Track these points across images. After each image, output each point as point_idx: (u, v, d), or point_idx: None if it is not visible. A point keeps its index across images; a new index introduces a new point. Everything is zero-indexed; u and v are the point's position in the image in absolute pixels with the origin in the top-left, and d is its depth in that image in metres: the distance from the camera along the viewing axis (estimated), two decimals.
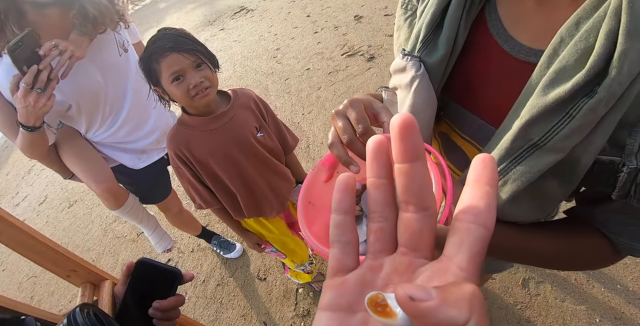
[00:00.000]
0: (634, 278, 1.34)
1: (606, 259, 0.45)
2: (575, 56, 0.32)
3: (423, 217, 0.19)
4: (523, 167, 0.37)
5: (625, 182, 0.33)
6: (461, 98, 0.49)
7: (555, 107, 0.34)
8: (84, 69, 1.06)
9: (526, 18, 0.40)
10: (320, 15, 4.40)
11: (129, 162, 1.34)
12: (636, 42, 0.28)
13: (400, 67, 0.49)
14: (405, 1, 0.51)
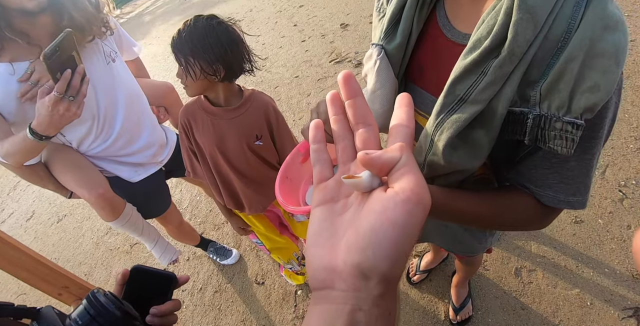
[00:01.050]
0: (620, 261, 1.43)
1: (535, 213, 0.54)
2: (487, 29, 0.43)
3: (369, 130, 0.29)
4: (454, 117, 0.47)
5: (532, 127, 0.43)
6: (417, 79, 0.61)
7: (472, 68, 0.45)
8: None
9: (463, 11, 0.52)
10: (307, 24, 4.56)
11: (125, 174, 1.31)
12: (525, 13, 0.39)
13: (368, 55, 0.61)
14: (378, 5, 0.63)
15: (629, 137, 1.89)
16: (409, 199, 0.22)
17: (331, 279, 0.24)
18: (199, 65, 0.92)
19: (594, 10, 0.39)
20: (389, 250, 0.22)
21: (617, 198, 1.63)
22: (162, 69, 5.62)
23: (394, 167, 0.24)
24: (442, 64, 0.53)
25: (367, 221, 0.23)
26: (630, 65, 2.33)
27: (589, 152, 0.47)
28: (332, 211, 0.28)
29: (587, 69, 0.39)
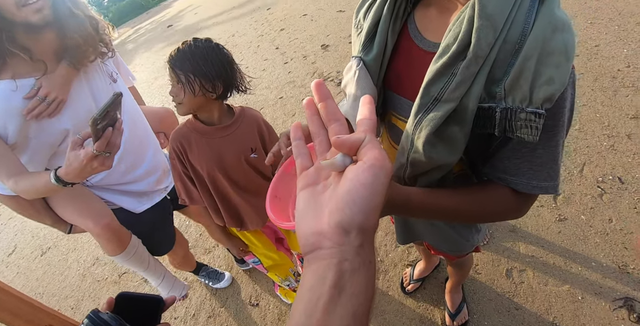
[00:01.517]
0: (605, 254, 1.48)
1: (512, 202, 0.58)
2: (453, 36, 0.50)
3: (339, 124, 0.36)
4: (431, 115, 0.53)
5: (501, 120, 0.50)
6: (395, 87, 0.67)
7: (443, 70, 0.51)
8: (79, 91, 1.05)
9: (432, 23, 0.59)
10: (289, 47, 4.74)
11: (129, 205, 1.26)
12: (485, 21, 0.46)
13: (348, 67, 0.68)
14: (356, 22, 0.70)
15: (602, 135, 1.99)
16: (373, 165, 0.29)
17: (319, 241, 0.29)
18: (199, 81, 0.97)
19: (544, 15, 0.46)
20: (362, 205, 0.28)
21: (596, 194, 1.71)
22: (145, 95, 5.68)
23: (360, 145, 0.30)
24: (416, 71, 0.60)
25: (343, 187, 0.29)
26: (597, 68, 2.49)
27: (554, 140, 0.52)
28: (314, 191, 0.34)
29: (542, 65, 0.46)
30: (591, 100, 2.24)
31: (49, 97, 0.98)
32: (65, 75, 1.02)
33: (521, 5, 0.47)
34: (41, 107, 0.98)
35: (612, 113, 2.11)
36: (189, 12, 12.42)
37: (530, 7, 0.47)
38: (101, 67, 1.14)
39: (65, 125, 1.04)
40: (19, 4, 0.88)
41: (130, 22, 20.57)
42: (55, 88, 0.99)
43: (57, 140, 1.06)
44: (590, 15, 3.15)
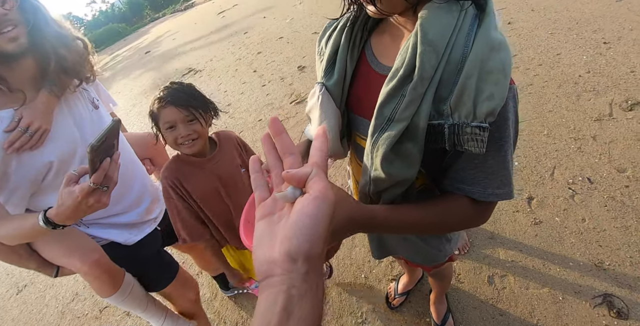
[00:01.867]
0: (581, 253, 1.53)
1: (472, 210, 0.63)
2: (401, 61, 0.55)
3: (293, 158, 0.41)
4: (386, 134, 0.57)
5: (449, 135, 0.54)
6: (356, 109, 0.72)
7: (394, 92, 0.56)
8: (61, 120, 0.99)
9: (386, 49, 0.65)
10: (266, 70, 4.86)
11: (118, 237, 1.16)
12: (427, 46, 0.51)
13: (312, 92, 0.73)
14: (319, 50, 0.76)
15: (569, 138, 2.09)
16: (317, 197, 0.32)
17: (271, 268, 0.32)
18: (204, 114, 1.11)
19: (481, 37, 0.51)
20: (307, 235, 0.31)
21: (568, 195, 1.78)
22: (124, 123, 5.67)
23: (307, 178, 0.34)
24: (374, 94, 0.64)
25: (291, 218, 0.33)
26: (560, 76, 2.64)
27: (502, 150, 0.56)
28: (270, 221, 0.37)
29: (483, 82, 0.50)
30: (556, 106, 2.36)
31: (32, 128, 0.92)
32: (46, 103, 0.96)
33: (461, 30, 0.52)
34: (23, 138, 0.91)
35: (577, 117, 2.23)
36: (167, 38, 12.61)
37: (469, 30, 0.52)
38: (82, 94, 1.09)
39: (48, 158, 0.97)
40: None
41: (108, 49, 20.66)
42: (37, 117, 0.93)
43: (40, 174, 0.98)
44: (550, 27, 3.36)
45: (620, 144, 1.96)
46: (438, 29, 0.51)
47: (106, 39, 24.75)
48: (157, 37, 14.50)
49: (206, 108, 1.13)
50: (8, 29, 0.86)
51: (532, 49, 3.09)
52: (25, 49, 0.90)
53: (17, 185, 0.95)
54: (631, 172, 1.79)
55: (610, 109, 2.20)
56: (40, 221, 0.83)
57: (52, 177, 0.99)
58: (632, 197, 1.68)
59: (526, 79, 2.72)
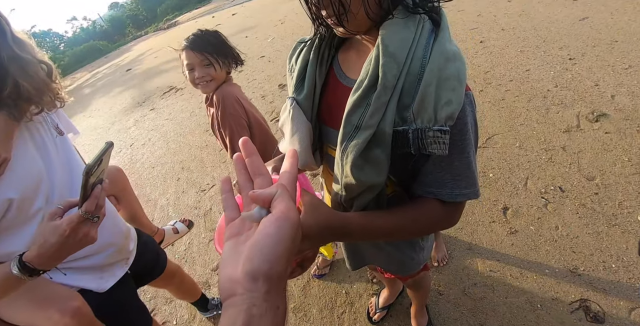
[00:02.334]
0: (556, 260, 1.57)
1: (442, 212, 0.66)
2: (365, 73, 0.60)
3: (263, 178, 0.43)
4: (354, 142, 0.61)
5: (414, 139, 0.58)
6: (327, 120, 0.75)
7: (359, 102, 0.60)
8: (22, 149, 0.87)
9: (352, 64, 0.70)
10: (248, 88, 4.91)
11: (90, 283, 1.04)
12: (388, 58, 0.56)
13: (283, 107, 0.77)
14: (289, 67, 0.80)
15: (540, 149, 2.19)
16: (279, 217, 0.33)
17: (233, 288, 0.32)
18: (220, 58, 1.32)
19: (437, 49, 0.56)
20: (267, 254, 0.32)
21: (541, 204, 1.84)
22: (102, 141, 5.57)
23: (272, 198, 0.35)
24: (343, 106, 0.67)
25: (254, 238, 0.33)
26: (530, 90, 2.77)
27: (465, 151, 0.61)
28: (237, 241, 0.37)
29: (441, 89, 0.55)
30: (527, 119, 2.47)
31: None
32: (4, 129, 0.83)
33: (419, 43, 0.57)
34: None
35: (547, 129, 2.33)
36: (149, 56, 12.65)
37: (427, 43, 0.57)
38: (45, 118, 0.97)
39: (7, 194, 0.82)
40: None
41: (88, 66, 20.52)
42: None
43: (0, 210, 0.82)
44: (519, 44, 3.56)
45: (588, 154, 2.05)
46: (397, 42, 0.56)
47: (87, 56, 24.64)
48: (139, 55, 14.53)
49: (224, 55, 1.34)
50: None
51: (503, 66, 3.25)
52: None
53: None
54: (600, 180, 1.88)
55: (578, 121, 2.32)
56: (14, 268, 0.70)
57: (10, 217, 0.83)
58: (602, 204, 1.75)
59: (498, 94, 2.85)
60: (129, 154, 4.60)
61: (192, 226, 2.56)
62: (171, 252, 2.53)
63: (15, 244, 0.85)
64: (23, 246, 0.84)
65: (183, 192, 3.21)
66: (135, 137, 5.06)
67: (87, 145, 5.59)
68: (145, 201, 3.36)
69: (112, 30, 47.51)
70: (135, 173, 4.01)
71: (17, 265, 0.70)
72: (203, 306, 1.84)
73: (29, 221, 0.87)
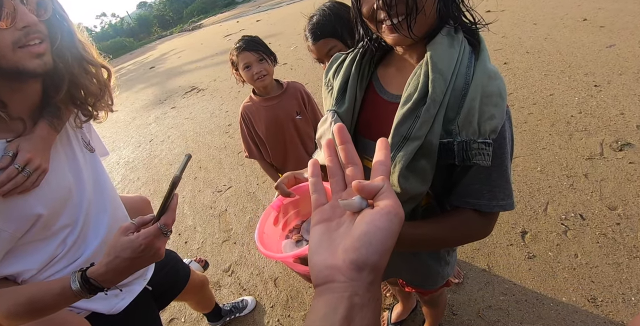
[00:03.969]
0: (574, 288, 1.54)
1: (478, 222, 0.70)
2: (414, 87, 0.63)
3: (356, 168, 0.41)
4: (402, 152, 0.63)
5: (459, 151, 0.61)
6: (365, 133, 0.78)
7: (409, 114, 0.63)
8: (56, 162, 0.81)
9: (393, 79, 0.73)
10: None
11: (102, 305, 0.94)
12: (437, 74, 0.60)
13: (323, 119, 0.80)
14: (326, 81, 0.84)
15: (562, 175, 2.16)
16: (389, 212, 0.33)
17: (332, 274, 0.32)
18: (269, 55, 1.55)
19: (480, 68, 0.62)
20: (377, 246, 0.31)
21: (561, 231, 1.82)
22: (123, 135, 5.73)
23: (378, 192, 0.35)
24: (381, 119, 0.72)
25: (361, 229, 0.33)
26: (553, 115, 2.76)
27: (504, 164, 0.65)
28: (329, 227, 0.37)
29: (484, 105, 0.60)
30: (549, 143, 2.46)
31: (30, 166, 0.72)
32: (47, 139, 0.78)
33: (462, 62, 0.62)
34: (19, 178, 0.70)
35: (569, 155, 2.31)
36: (172, 56, 12.93)
37: (469, 62, 0.62)
38: (75, 132, 0.91)
39: (36, 209, 0.76)
40: (17, 44, 0.68)
41: (113, 62, 21.01)
42: (38, 153, 0.74)
43: (21, 230, 0.76)
44: (544, 68, 3.55)
45: (611, 183, 2.03)
46: (445, 60, 0.61)
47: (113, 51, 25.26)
48: (163, 54, 14.86)
49: (270, 52, 1.56)
50: (35, 42, 0.70)
51: (526, 89, 3.24)
52: (47, 70, 0.73)
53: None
54: (622, 210, 1.85)
55: (601, 149, 2.29)
56: (75, 284, 0.66)
57: (32, 233, 0.77)
58: (623, 235, 1.72)
59: (521, 116, 2.84)
60: (148, 149, 4.69)
61: (207, 267, 2.35)
62: (184, 250, 2.56)
63: (30, 262, 0.80)
64: (38, 264, 0.81)
65: (199, 191, 3.25)
66: (155, 134, 5.16)
67: (106, 138, 5.70)
68: (160, 197, 3.40)
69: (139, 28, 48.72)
70: (153, 168, 4.08)
71: (78, 280, 0.66)
72: (216, 316, 1.82)
73: (48, 239, 0.81)
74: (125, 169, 4.32)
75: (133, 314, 0.99)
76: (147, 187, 3.71)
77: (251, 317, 1.89)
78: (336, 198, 0.40)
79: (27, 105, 0.78)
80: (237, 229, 2.60)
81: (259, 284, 2.08)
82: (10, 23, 0.66)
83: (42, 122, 0.78)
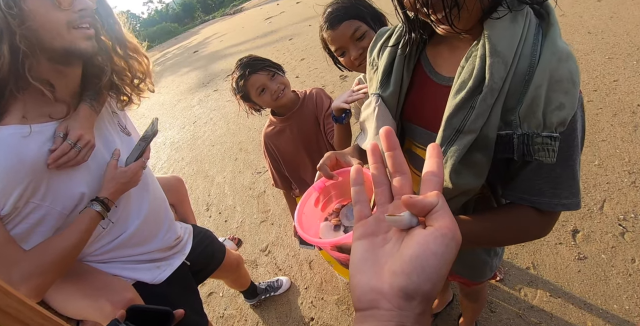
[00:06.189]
0: (628, 296, 1.41)
1: (536, 221, 0.61)
2: (468, 73, 0.54)
3: (404, 178, 0.35)
4: (455, 147, 0.56)
5: (518, 145, 0.53)
6: (412, 118, 0.71)
7: (462, 104, 0.55)
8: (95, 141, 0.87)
9: (444, 60, 0.64)
10: (309, 76, 4.92)
11: (147, 275, 1.01)
12: (496, 58, 0.51)
13: (367, 103, 0.73)
14: (370, 61, 0.76)
15: (623, 171, 1.95)
16: (446, 234, 0.28)
17: (377, 300, 0.28)
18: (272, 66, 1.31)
19: (548, 48, 0.51)
20: (431, 274, 0.27)
21: (617, 232, 1.65)
22: (168, 117, 5.95)
23: (432, 209, 0.30)
24: (431, 103, 0.64)
25: (412, 251, 0.28)
26: (617, 104, 2.48)
27: (571, 159, 0.56)
28: (373, 243, 0.33)
29: (552, 92, 0.51)
30: (610, 135, 2.22)
31: (81, 141, 0.78)
32: (89, 118, 0.84)
33: (526, 40, 0.52)
34: (72, 153, 0.77)
35: (633, 149, 2.08)
36: (215, 40, 13.11)
37: (535, 40, 0.52)
38: (111, 115, 0.97)
39: (80, 188, 0.82)
40: (71, 25, 0.72)
41: (159, 47, 21.76)
42: (86, 131, 0.81)
43: (68, 208, 0.82)
44: (608, 51, 3.18)
45: None
46: (506, 40, 0.51)
47: (159, 37, 26.18)
48: (206, 38, 15.11)
49: (276, 64, 1.33)
50: (86, 26, 0.75)
51: (586, 73, 2.93)
52: (95, 52, 0.78)
53: (42, 217, 0.78)
54: None
55: None
56: (97, 207, 0.82)
57: (79, 211, 0.83)
58: None
59: None
60: (192, 131, 4.85)
61: (240, 244, 2.43)
62: (223, 228, 2.65)
63: None
64: None
65: (239, 172, 3.33)
66: (198, 115, 5.31)
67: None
68: (203, 177, 3.53)
69: (183, 14, 49.79)
70: (197, 149, 4.22)
71: (99, 203, 0.83)
72: (252, 294, 1.88)
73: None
74: (170, 149, 4.51)
75: (173, 285, 1.07)
76: (191, 166, 3.86)
77: (285, 297, 1.93)
78: (382, 211, 0.35)
79: (70, 88, 0.82)
80: (275, 210, 2.63)
81: (294, 265, 2.11)
82: (70, 4, 0.71)
83: (83, 105, 0.84)
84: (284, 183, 1.54)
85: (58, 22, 0.70)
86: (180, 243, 1.15)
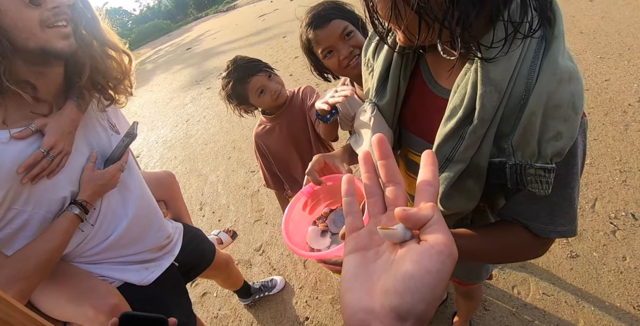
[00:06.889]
0: (620, 293, 1.43)
1: (530, 243, 0.59)
2: (459, 98, 0.51)
3: (398, 188, 0.34)
4: (445, 174, 0.55)
5: (511, 174, 0.50)
6: (409, 126, 0.69)
7: (452, 134, 0.53)
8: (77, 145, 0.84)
9: (443, 68, 0.59)
10: (302, 74, 4.89)
11: (134, 277, 0.99)
12: (489, 86, 0.47)
13: (362, 109, 0.72)
14: (365, 61, 0.73)
15: (614, 170, 1.97)
16: (442, 251, 0.26)
17: (368, 320, 0.27)
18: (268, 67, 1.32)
19: (547, 67, 0.45)
20: (425, 294, 0.25)
21: (609, 230, 1.67)
22: (159, 115, 5.88)
23: (426, 223, 0.28)
24: (429, 114, 0.62)
25: (405, 269, 0.26)
26: (608, 103, 2.50)
27: (569, 187, 0.52)
28: (365, 258, 0.31)
29: (549, 119, 0.46)
30: (602, 134, 2.24)
31: (54, 150, 0.75)
32: (75, 120, 0.81)
33: (525, 57, 0.46)
34: (44, 163, 0.73)
35: (624, 147, 2.10)
36: (208, 37, 13.00)
37: (534, 59, 0.46)
38: (101, 113, 0.93)
39: (63, 192, 0.80)
40: (45, 24, 0.68)
41: (151, 43, 21.52)
42: (63, 136, 0.77)
43: (52, 212, 0.80)
44: (599, 50, 3.21)
45: None
46: (501, 64, 0.46)
47: (151, 33, 25.87)
48: (199, 35, 14.97)
49: (265, 64, 1.33)
50: (63, 24, 0.72)
51: None
52: (72, 51, 0.75)
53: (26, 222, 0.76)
54: None
55: None
56: (75, 210, 0.79)
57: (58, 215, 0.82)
58: None
59: None
60: (185, 129, 4.80)
61: (235, 237, 2.43)
62: (217, 228, 2.63)
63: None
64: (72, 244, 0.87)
65: (233, 171, 3.30)
66: (191, 114, 5.26)
67: (146, 117, 5.90)
68: (196, 175, 3.50)
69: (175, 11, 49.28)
70: (189, 147, 4.18)
71: (77, 206, 0.80)
72: (245, 293, 1.86)
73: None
74: (163, 148, 4.46)
75: (162, 286, 1.05)
76: (184, 165, 3.82)
77: (280, 296, 1.92)
78: (374, 223, 0.33)
79: (52, 88, 0.79)
80: (269, 210, 2.62)
81: (288, 265, 2.10)
82: (43, 1, 0.68)
83: (69, 103, 0.81)
84: (276, 183, 1.54)
85: (30, 21, 0.66)
86: (171, 244, 1.13)
